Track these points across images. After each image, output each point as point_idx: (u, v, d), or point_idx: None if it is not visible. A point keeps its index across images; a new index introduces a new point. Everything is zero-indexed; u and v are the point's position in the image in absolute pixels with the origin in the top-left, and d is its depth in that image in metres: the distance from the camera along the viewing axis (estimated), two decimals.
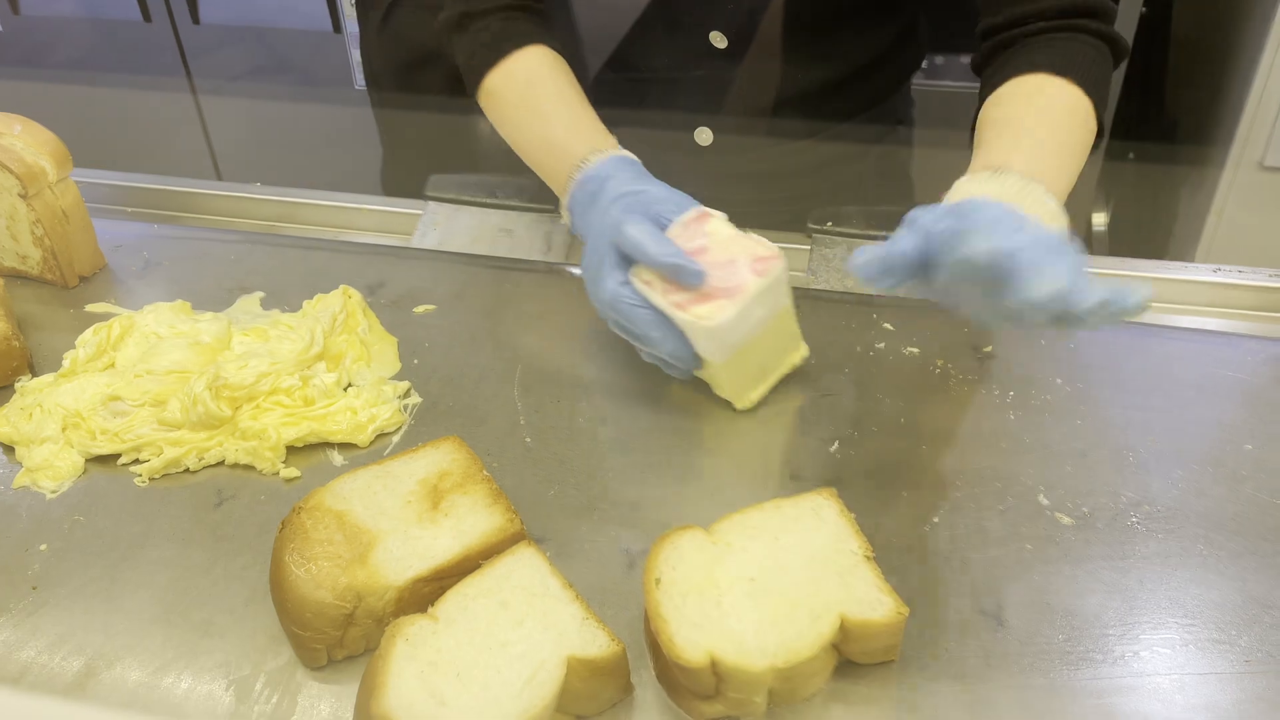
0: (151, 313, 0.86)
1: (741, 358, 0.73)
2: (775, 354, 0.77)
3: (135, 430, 0.76)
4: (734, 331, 0.70)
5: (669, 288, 0.70)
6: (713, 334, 0.69)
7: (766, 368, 0.77)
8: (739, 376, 0.75)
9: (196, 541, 0.69)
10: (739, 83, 0.96)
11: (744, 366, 0.74)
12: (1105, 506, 0.69)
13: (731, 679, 0.55)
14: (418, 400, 0.81)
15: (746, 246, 0.71)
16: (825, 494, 0.64)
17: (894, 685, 0.59)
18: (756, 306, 0.70)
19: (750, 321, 0.70)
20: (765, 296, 0.70)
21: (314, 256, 0.97)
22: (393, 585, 0.60)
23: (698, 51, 0.94)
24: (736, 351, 0.72)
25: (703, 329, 0.69)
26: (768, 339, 0.73)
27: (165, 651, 0.62)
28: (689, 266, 0.69)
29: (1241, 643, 0.60)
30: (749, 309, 0.69)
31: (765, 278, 0.70)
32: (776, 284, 0.71)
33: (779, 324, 0.74)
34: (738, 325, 0.70)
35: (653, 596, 0.58)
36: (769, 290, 0.70)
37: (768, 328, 0.72)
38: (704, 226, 0.73)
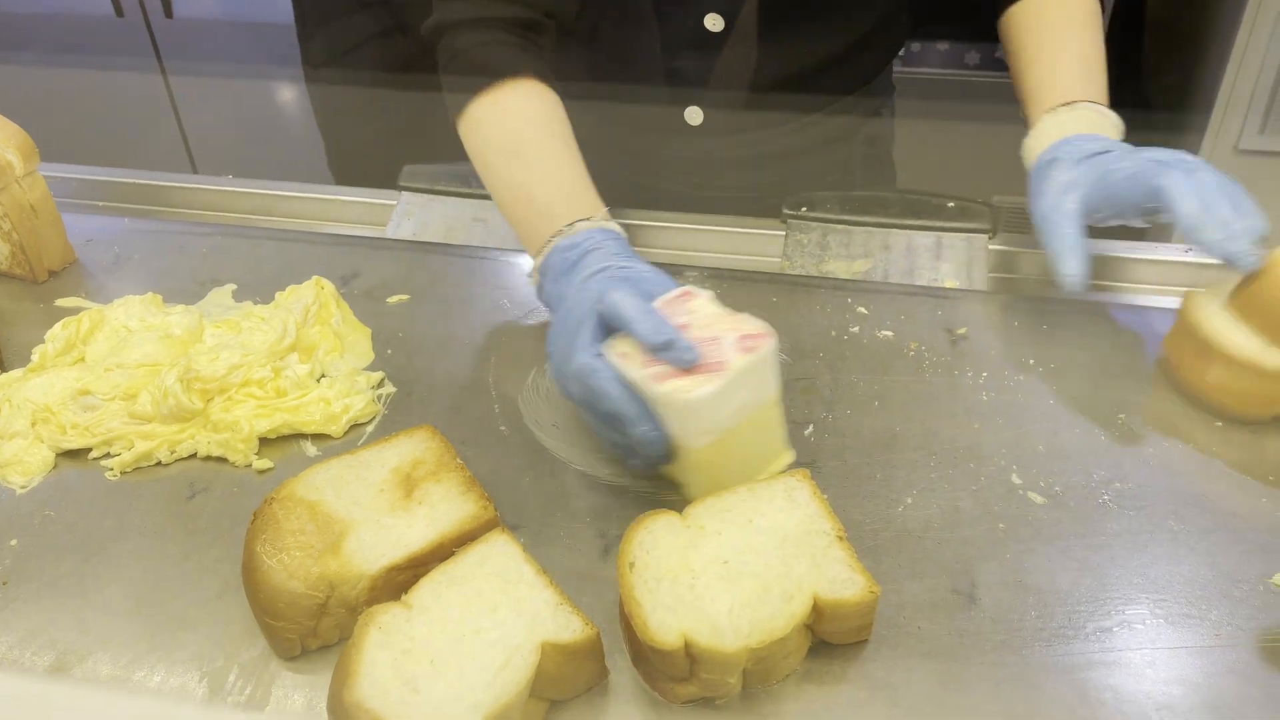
0: (122, 306, 0.85)
1: (720, 448, 0.65)
2: (755, 454, 0.68)
3: (106, 424, 0.75)
4: (715, 410, 0.63)
5: (647, 363, 0.64)
6: (692, 410, 0.62)
7: (745, 469, 0.68)
8: (713, 473, 0.66)
9: (169, 534, 0.69)
10: (731, 62, 0.95)
11: (720, 461, 0.66)
12: (1077, 485, 0.70)
13: (705, 660, 0.55)
14: (392, 390, 0.80)
15: (734, 323, 0.65)
16: (799, 476, 0.64)
17: (867, 664, 0.59)
18: (741, 387, 0.63)
19: (733, 404, 0.64)
20: (751, 377, 0.64)
21: (287, 248, 0.96)
22: (365, 574, 0.60)
23: (692, 32, 0.93)
24: (715, 439, 0.64)
25: (681, 403, 0.62)
26: (750, 432, 0.66)
27: (138, 645, 0.62)
28: (680, 343, 0.62)
29: (1211, 617, 0.61)
30: (732, 386, 0.63)
31: (753, 354, 0.63)
32: (764, 364, 0.64)
33: (763, 416, 0.67)
34: (719, 404, 0.63)
35: (626, 580, 0.58)
36: (755, 370, 0.64)
37: (751, 418, 0.65)
38: (688, 304, 0.67)
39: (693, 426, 0.64)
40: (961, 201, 0.93)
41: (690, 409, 0.62)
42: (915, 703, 0.57)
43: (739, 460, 0.67)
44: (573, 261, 0.74)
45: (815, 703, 0.57)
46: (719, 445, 0.65)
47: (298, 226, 1.05)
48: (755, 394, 0.65)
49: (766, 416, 0.67)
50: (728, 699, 0.57)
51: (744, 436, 0.66)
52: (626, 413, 0.64)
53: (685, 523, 0.61)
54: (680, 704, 0.57)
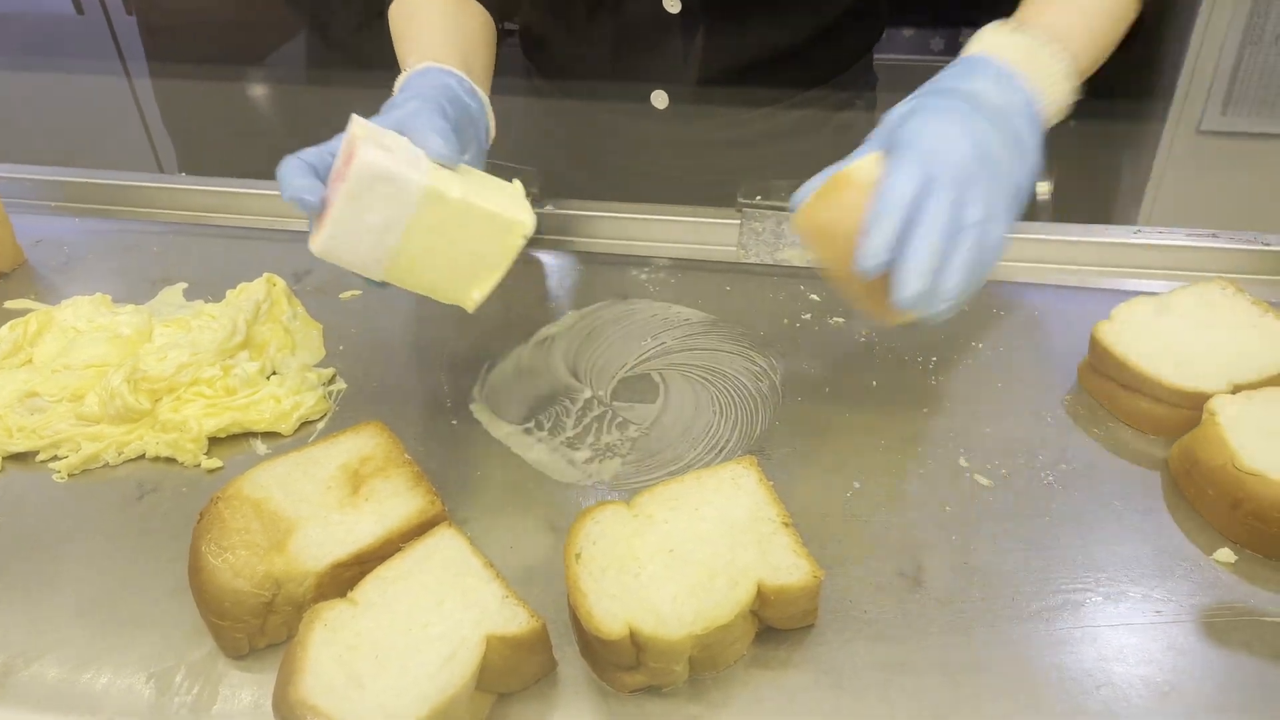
0: (70, 307, 0.85)
1: (417, 266, 0.64)
2: (473, 246, 0.64)
3: (53, 426, 0.75)
4: (355, 248, 0.62)
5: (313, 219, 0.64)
6: (334, 258, 0.63)
7: (473, 262, 0.65)
8: (437, 283, 0.65)
9: (119, 536, 0.69)
10: (694, 46, 0.95)
11: (432, 272, 0.65)
12: (1023, 467, 0.70)
13: (650, 649, 0.55)
14: (343, 387, 0.80)
15: (346, 150, 0.63)
16: (745, 463, 0.64)
17: (813, 648, 0.60)
18: (359, 214, 0.61)
19: (370, 231, 0.62)
20: (365, 200, 0.61)
21: (240, 246, 0.95)
22: (312, 571, 0.60)
23: (651, 13, 0.93)
24: (396, 261, 0.63)
25: (318, 255, 0.63)
26: (436, 236, 0.63)
27: (88, 648, 0.62)
28: (298, 198, 0.63)
29: (1154, 594, 0.62)
30: (345, 221, 0.61)
31: (347, 182, 0.60)
32: (374, 183, 0.60)
33: (435, 216, 0.62)
34: (347, 241, 0.62)
35: (572, 571, 0.58)
36: (366, 193, 0.60)
37: (417, 227, 0.62)
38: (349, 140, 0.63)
39: (357, 265, 0.64)
40: None
41: (330, 258, 0.63)
42: (862, 686, 0.58)
43: (455, 259, 0.64)
44: None
45: (762, 688, 0.58)
46: (412, 263, 0.64)
47: (252, 224, 1.04)
48: (390, 209, 0.61)
49: (440, 215, 0.63)
50: (675, 686, 0.58)
51: (433, 243, 0.63)
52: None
53: (633, 512, 0.61)
54: (628, 693, 0.58)
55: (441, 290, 0.66)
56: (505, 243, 0.65)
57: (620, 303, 0.87)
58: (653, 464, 0.72)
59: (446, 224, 0.63)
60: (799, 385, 0.78)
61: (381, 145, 0.62)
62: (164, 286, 0.90)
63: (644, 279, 0.90)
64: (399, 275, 0.65)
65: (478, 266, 0.65)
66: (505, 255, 0.65)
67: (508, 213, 0.64)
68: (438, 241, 0.63)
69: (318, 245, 0.64)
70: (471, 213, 0.63)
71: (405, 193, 0.61)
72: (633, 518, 0.61)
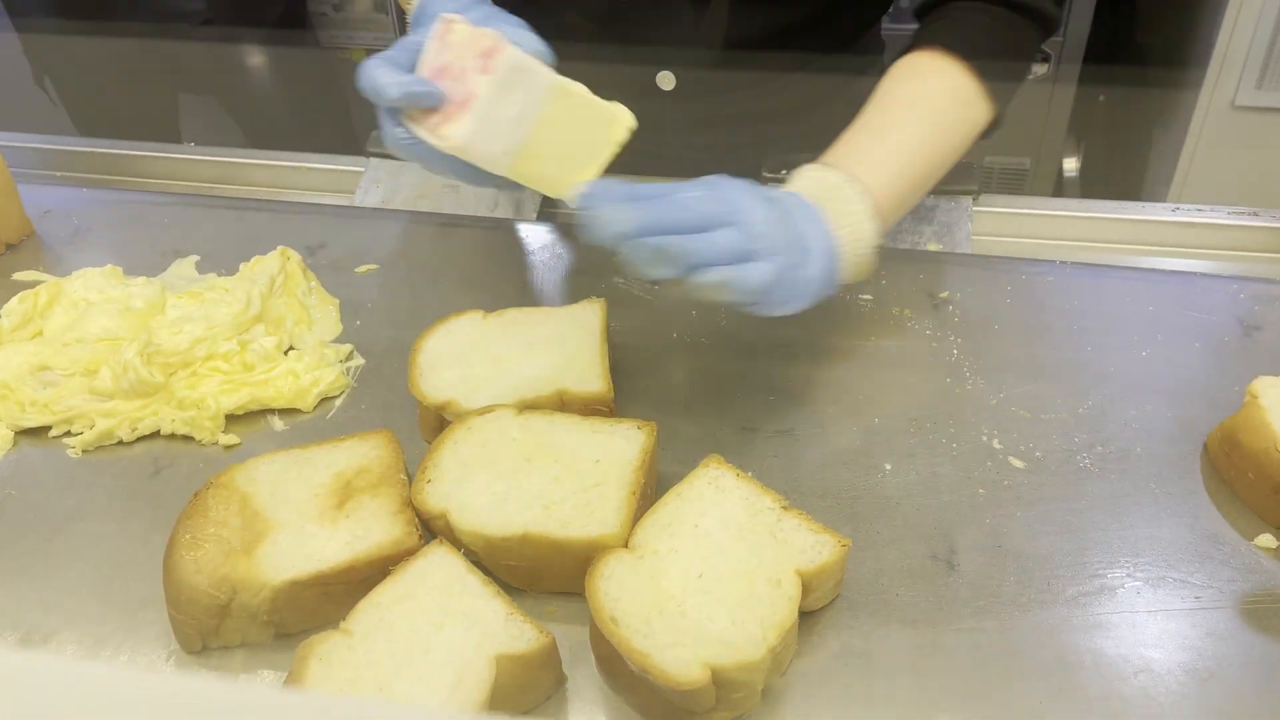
0: (80, 279, 0.83)
1: (533, 157, 0.66)
2: (582, 137, 0.67)
3: (66, 401, 0.73)
4: (489, 139, 0.64)
5: (427, 114, 0.65)
6: (465, 150, 0.64)
7: (580, 153, 0.68)
8: (547, 173, 0.67)
9: (134, 513, 0.67)
10: (701, 23, 0.93)
11: (545, 163, 0.67)
12: (1057, 449, 0.69)
13: (735, 680, 0.52)
14: (360, 363, 0.78)
15: (474, 44, 0.64)
16: (713, 463, 0.63)
17: (845, 632, 0.58)
18: (500, 105, 0.63)
19: (505, 122, 0.64)
20: (507, 91, 0.63)
21: (252, 218, 0.93)
22: (268, 584, 0.57)
23: None
24: (520, 154, 0.65)
25: (450, 150, 0.64)
26: (555, 127, 0.66)
27: (103, 625, 0.61)
28: (419, 90, 0.63)
29: (1193, 580, 0.60)
30: (488, 112, 0.63)
31: (493, 74, 0.63)
32: (515, 74, 0.63)
33: (558, 109, 0.65)
34: (487, 132, 0.63)
35: (618, 636, 0.53)
36: (508, 84, 0.63)
37: (543, 118, 0.65)
38: (449, 39, 0.65)
39: (484, 158, 0.65)
40: None
41: (462, 150, 0.64)
42: (893, 670, 0.57)
43: (565, 149, 0.67)
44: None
45: (792, 674, 0.57)
46: (530, 155, 0.66)
47: (262, 195, 1.02)
48: (526, 101, 0.64)
49: (561, 108, 0.66)
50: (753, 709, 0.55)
51: (553, 133, 0.66)
52: (438, 166, 0.66)
53: (637, 555, 0.57)
54: None
55: (549, 181, 0.68)
56: (611, 135, 0.68)
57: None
58: None
59: (567, 117, 0.66)
60: (828, 364, 0.76)
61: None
62: (175, 259, 0.88)
63: None
64: (518, 168, 0.66)
65: (584, 158, 0.68)
66: (608, 147, 0.68)
67: (615, 107, 0.68)
68: (557, 133, 0.66)
69: (458, 136, 0.63)
70: (589, 107, 0.67)
71: (538, 85, 0.65)
72: (640, 560, 0.57)
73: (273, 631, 0.59)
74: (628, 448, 0.63)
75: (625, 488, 0.61)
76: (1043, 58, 1.70)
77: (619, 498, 0.60)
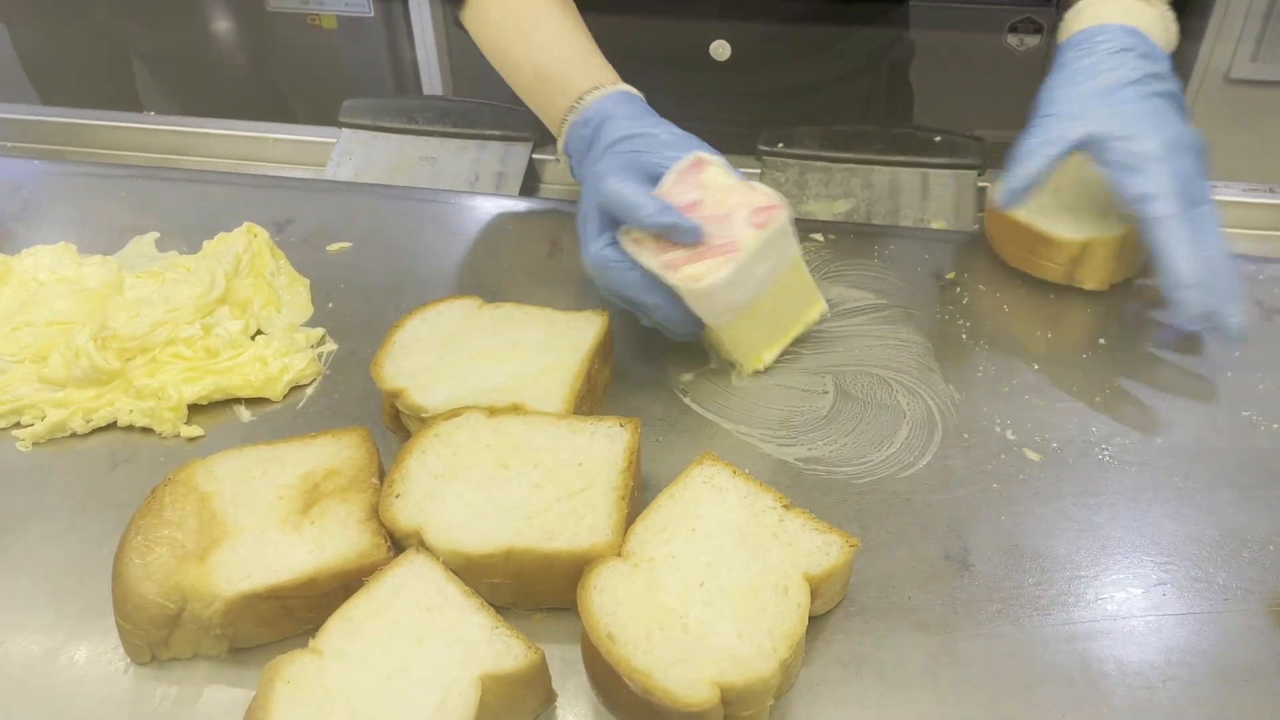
0: (31, 257, 0.78)
1: (747, 318, 0.66)
2: (788, 311, 0.69)
3: (13, 390, 0.68)
4: (732, 292, 0.63)
5: (662, 247, 0.63)
6: (708, 296, 0.63)
7: (778, 326, 0.69)
8: (747, 338, 0.68)
9: (89, 511, 0.63)
10: None
11: (751, 327, 0.67)
12: (1075, 440, 0.65)
13: (745, 697, 0.48)
14: (333, 348, 0.74)
15: (746, 196, 0.64)
16: (707, 460, 0.59)
17: (855, 639, 0.55)
18: (757, 263, 0.63)
19: (752, 280, 0.64)
20: (767, 251, 0.63)
21: (215, 192, 0.88)
22: (220, 595, 0.52)
23: None
24: (740, 312, 0.65)
25: (696, 291, 0.62)
26: (777, 296, 0.67)
27: (56, 632, 0.56)
28: (683, 224, 0.62)
29: (1219, 580, 0.57)
30: (748, 267, 0.62)
31: (765, 230, 0.62)
32: (779, 237, 0.64)
33: (789, 279, 0.67)
34: (736, 285, 0.63)
35: (615, 654, 0.49)
36: (770, 245, 0.63)
37: (776, 284, 0.66)
38: (700, 177, 0.65)
39: (713, 309, 0.64)
40: (949, 136, 0.87)
41: (705, 295, 0.63)
42: (907, 678, 0.53)
43: (769, 319, 0.68)
44: (589, 138, 0.70)
45: (801, 683, 0.53)
46: (747, 315, 0.66)
47: (226, 167, 0.97)
48: (775, 264, 0.65)
49: (791, 279, 0.67)
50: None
51: (771, 301, 0.67)
52: (646, 300, 0.65)
53: (631, 564, 0.53)
54: None
55: (748, 346, 0.69)
56: (806, 316, 0.71)
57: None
58: None
59: (791, 289, 0.68)
60: (827, 349, 0.72)
61: None
62: (133, 236, 0.83)
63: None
64: (732, 325, 0.66)
65: (779, 331, 0.70)
66: (800, 326, 0.71)
67: (818, 292, 0.71)
68: (776, 302, 0.67)
69: (714, 281, 0.62)
70: (807, 285, 0.70)
71: (787, 253, 0.66)
72: (635, 569, 0.53)
73: (226, 645, 0.54)
74: (612, 447, 0.59)
75: (614, 491, 0.56)
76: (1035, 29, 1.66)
77: (608, 503, 0.56)
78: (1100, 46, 0.71)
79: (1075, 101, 0.70)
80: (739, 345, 0.68)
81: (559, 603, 0.56)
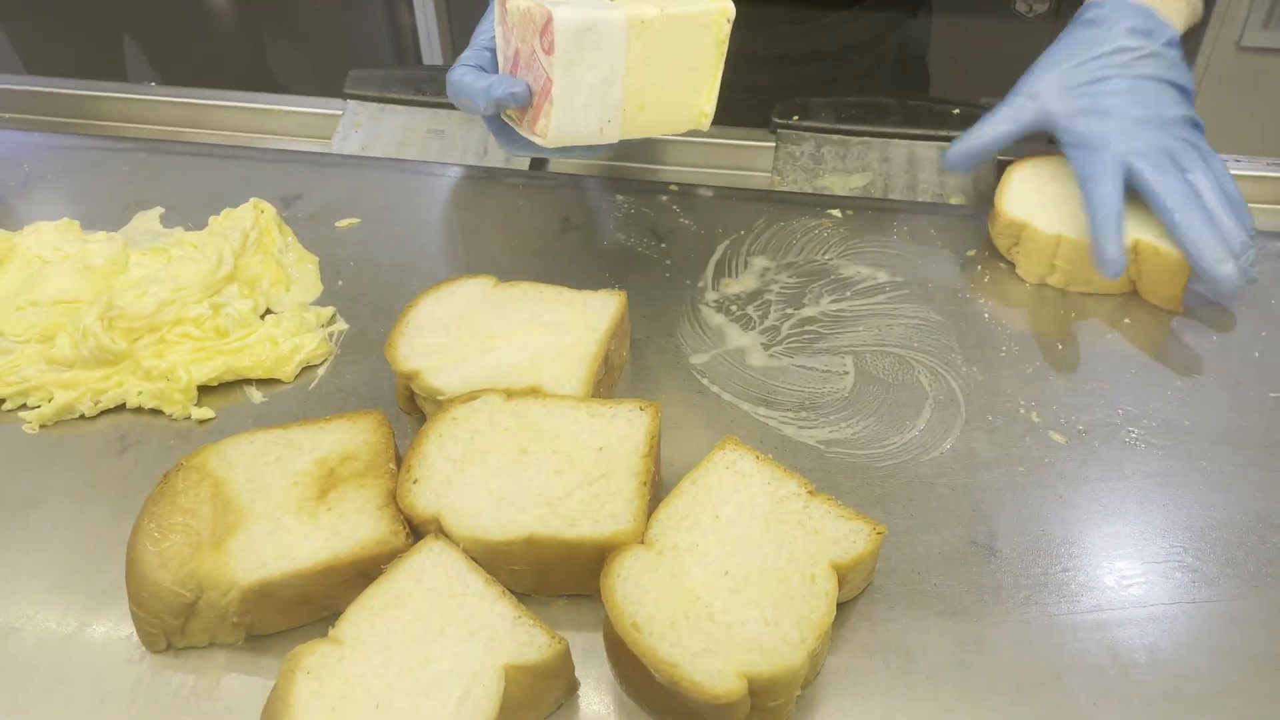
0: (34, 233, 0.76)
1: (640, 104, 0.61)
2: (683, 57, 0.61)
3: (20, 371, 0.67)
4: (583, 120, 0.59)
5: (523, 112, 0.62)
6: (562, 141, 0.60)
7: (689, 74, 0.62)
8: (663, 115, 0.62)
9: (98, 496, 0.62)
10: None
11: (657, 104, 0.61)
12: (1101, 422, 0.64)
13: (772, 688, 0.47)
14: (344, 327, 0.72)
15: (531, 21, 0.59)
16: (730, 444, 0.58)
17: (880, 626, 0.54)
18: (581, 77, 0.58)
19: (590, 89, 0.59)
20: (578, 58, 0.58)
21: (220, 166, 0.86)
22: (237, 584, 0.51)
23: None
24: (626, 110, 0.60)
25: (552, 143, 0.60)
26: (650, 64, 0.60)
27: (68, 619, 0.55)
28: (504, 93, 0.60)
29: (1249, 565, 0.56)
30: (572, 92, 0.58)
31: (556, 52, 0.57)
32: (580, 36, 0.57)
33: (647, 42, 0.59)
34: (577, 115, 0.59)
35: (641, 644, 0.48)
36: (576, 49, 0.57)
37: (634, 58, 0.59)
38: (507, 21, 0.61)
39: (586, 138, 0.60)
40: (966, 108, 0.86)
41: (560, 140, 0.60)
42: (933, 666, 0.52)
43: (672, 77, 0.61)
44: None
45: (828, 672, 0.52)
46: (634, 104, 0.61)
47: (230, 140, 0.95)
48: (605, 55, 0.58)
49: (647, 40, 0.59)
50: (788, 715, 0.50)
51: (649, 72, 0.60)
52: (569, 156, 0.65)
53: (654, 551, 0.52)
54: None
55: (672, 120, 0.63)
56: (714, 39, 0.62)
57: (652, 236, 0.79)
58: None
59: (657, 48, 0.60)
60: (846, 328, 0.71)
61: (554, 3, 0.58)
62: (137, 211, 0.81)
63: (673, 209, 0.81)
64: (630, 126, 0.61)
65: (695, 78, 0.62)
66: (717, 51, 0.62)
67: (703, 6, 0.61)
68: (654, 71, 0.60)
69: (552, 130, 0.59)
70: (675, 25, 0.60)
71: (611, 35, 0.58)
72: (658, 556, 0.52)
73: (243, 633, 0.53)
74: (632, 432, 0.58)
75: (635, 477, 0.55)
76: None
77: (629, 489, 0.55)
78: (1099, 24, 0.70)
79: (1044, 81, 0.70)
80: (666, 125, 0.63)
81: (579, 589, 0.55)
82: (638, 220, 0.80)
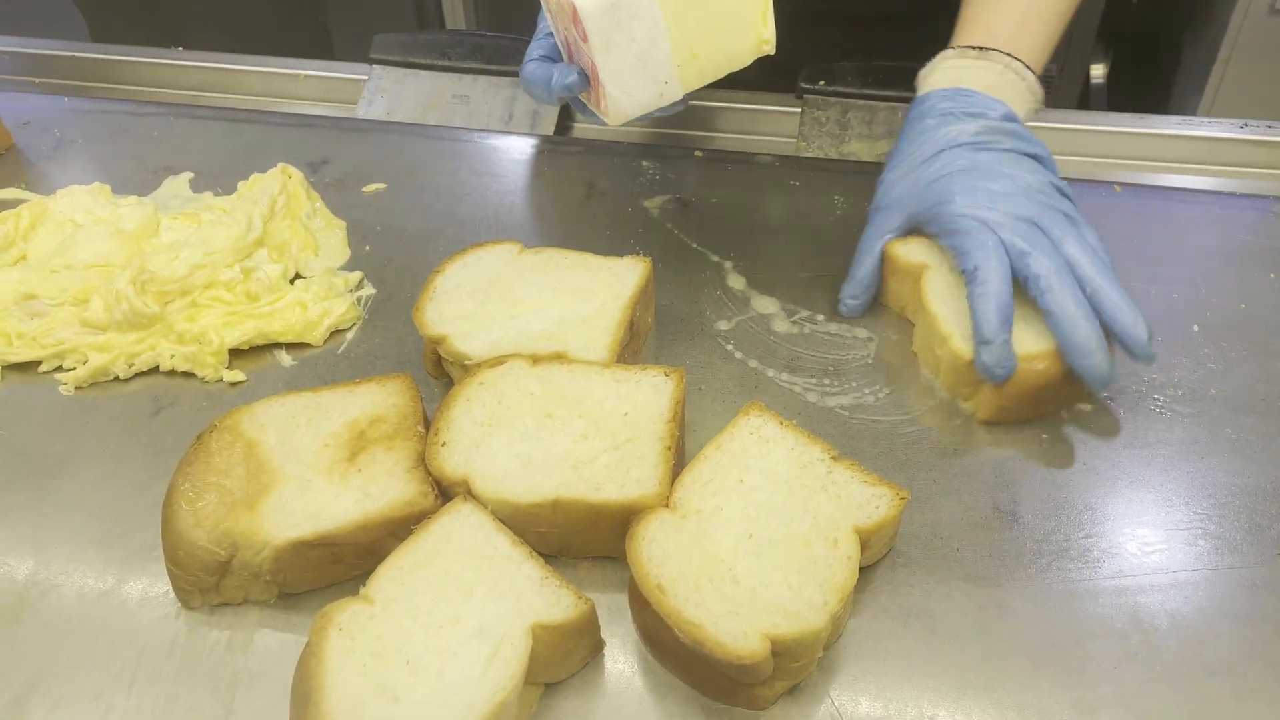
0: (66, 197, 0.77)
1: (693, 57, 0.60)
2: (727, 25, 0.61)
3: (55, 333, 0.68)
4: (640, 91, 0.60)
5: (589, 94, 0.63)
6: (628, 116, 0.61)
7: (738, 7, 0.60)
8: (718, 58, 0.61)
9: (132, 457, 0.63)
10: None
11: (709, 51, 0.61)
12: (1127, 389, 0.64)
13: (795, 649, 0.48)
14: (371, 292, 0.73)
15: (565, 10, 0.59)
16: (755, 410, 0.58)
17: (902, 590, 0.55)
18: (621, 52, 0.58)
19: (635, 59, 0.59)
20: (613, 35, 0.57)
21: (247, 131, 0.87)
22: (270, 543, 0.52)
23: None
24: (681, 67, 0.60)
25: (617, 120, 0.61)
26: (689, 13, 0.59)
27: (105, 577, 0.57)
28: (565, 84, 0.61)
29: (1273, 533, 0.56)
30: (619, 70, 0.59)
31: (591, 39, 0.57)
32: (606, 14, 0.57)
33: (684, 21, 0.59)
34: (633, 88, 0.60)
35: (665, 605, 0.48)
36: (608, 29, 0.57)
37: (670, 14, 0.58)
38: (551, 9, 0.61)
39: (650, 105, 0.61)
40: None
41: (626, 118, 0.61)
42: (954, 630, 0.53)
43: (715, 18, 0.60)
44: None
45: (850, 635, 0.53)
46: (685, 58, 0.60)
47: (256, 105, 0.95)
48: (639, 21, 0.58)
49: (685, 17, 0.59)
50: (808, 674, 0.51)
51: (690, 22, 0.59)
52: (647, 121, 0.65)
53: (679, 514, 0.53)
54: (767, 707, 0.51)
55: (732, 58, 0.62)
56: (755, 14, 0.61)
57: (676, 203, 0.79)
58: None
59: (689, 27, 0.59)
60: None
61: None
62: (167, 176, 0.82)
63: (692, 176, 0.81)
64: (690, 78, 0.61)
65: (740, 8, 0.60)
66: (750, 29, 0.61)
67: None
68: (695, 17, 0.59)
69: (611, 111, 0.60)
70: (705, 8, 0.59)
71: (639, 1, 0.57)
72: (682, 520, 0.53)
73: (276, 591, 0.55)
74: (657, 398, 0.58)
75: (660, 442, 0.56)
76: None
77: (654, 453, 0.55)
78: (925, 117, 0.68)
79: (895, 186, 0.68)
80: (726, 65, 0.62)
81: (605, 551, 0.56)
82: (662, 186, 0.80)
